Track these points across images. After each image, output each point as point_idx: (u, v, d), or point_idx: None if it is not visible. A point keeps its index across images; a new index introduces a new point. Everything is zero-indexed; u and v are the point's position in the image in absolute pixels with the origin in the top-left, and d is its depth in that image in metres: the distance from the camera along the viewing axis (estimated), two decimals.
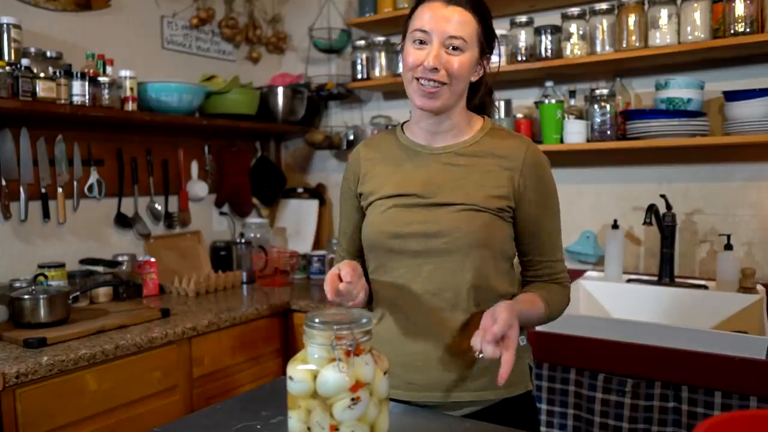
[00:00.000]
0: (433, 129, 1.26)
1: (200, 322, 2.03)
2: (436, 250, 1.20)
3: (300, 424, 0.91)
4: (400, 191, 1.24)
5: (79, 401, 1.68)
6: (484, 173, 1.22)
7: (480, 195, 1.20)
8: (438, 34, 1.16)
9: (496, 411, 1.23)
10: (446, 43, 1.17)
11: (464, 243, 1.18)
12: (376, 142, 1.36)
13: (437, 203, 1.21)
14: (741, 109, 1.95)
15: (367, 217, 1.29)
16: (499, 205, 1.21)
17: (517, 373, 1.22)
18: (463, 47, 1.18)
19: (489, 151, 1.24)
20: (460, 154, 1.25)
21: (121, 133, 2.46)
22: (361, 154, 1.35)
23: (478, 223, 1.19)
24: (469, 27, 1.19)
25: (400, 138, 1.32)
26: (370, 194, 1.29)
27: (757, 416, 0.84)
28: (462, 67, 1.18)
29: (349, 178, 1.36)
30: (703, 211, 2.23)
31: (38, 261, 2.15)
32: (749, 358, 1.53)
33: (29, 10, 2.18)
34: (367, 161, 1.33)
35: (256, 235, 2.87)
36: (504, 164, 1.22)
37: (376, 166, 1.31)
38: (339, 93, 2.89)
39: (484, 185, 1.21)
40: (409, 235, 1.21)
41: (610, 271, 2.21)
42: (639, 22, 2.09)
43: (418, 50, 1.18)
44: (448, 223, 1.19)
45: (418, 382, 1.22)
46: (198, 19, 2.74)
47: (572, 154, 2.40)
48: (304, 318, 0.92)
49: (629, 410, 1.65)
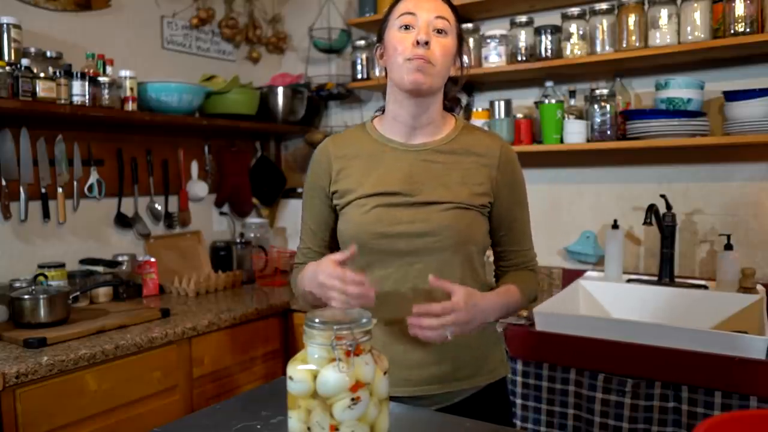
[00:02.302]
0: (413, 123, 1.26)
1: (200, 322, 2.03)
2: (425, 249, 1.21)
3: (300, 424, 0.91)
4: (382, 189, 1.24)
5: (79, 401, 1.68)
6: (464, 171, 1.25)
7: (464, 193, 1.23)
8: (425, 13, 1.20)
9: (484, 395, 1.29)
10: (433, 23, 1.20)
11: (453, 241, 1.21)
12: (346, 139, 1.33)
13: (423, 202, 1.22)
14: (741, 109, 1.95)
15: (346, 216, 1.27)
16: (482, 201, 1.25)
17: (499, 359, 1.33)
18: (448, 30, 1.22)
19: (466, 149, 1.27)
20: (439, 151, 1.27)
21: (121, 133, 2.46)
22: (331, 150, 1.32)
23: (465, 221, 1.22)
24: (450, 14, 1.24)
25: (372, 134, 1.31)
26: (347, 192, 1.27)
27: (757, 416, 0.84)
28: (447, 50, 1.21)
29: (319, 174, 1.32)
30: (703, 211, 2.23)
31: (38, 261, 2.15)
32: (749, 358, 1.53)
33: (29, 10, 2.18)
34: (338, 158, 1.30)
35: (256, 235, 2.87)
36: (482, 161, 1.26)
37: (351, 163, 1.29)
38: (339, 93, 2.90)
39: (466, 183, 1.24)
40: (398, 235, 1.21)
41: (610, 271, 2.21)
42: (639, 22, 2.09)
43: (406, 33, 1.20)
44: (437, 222, 1.21)
45: (413, 378, 1.24)
46: (198, 19, 2.74)
47: (572, 154, 2.40)
48: (304, 318, 0.92)
49: (629, 410, 1.65)
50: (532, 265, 1.36)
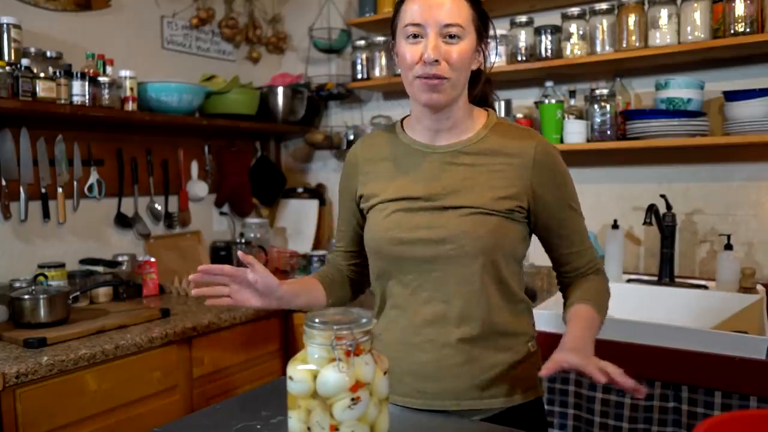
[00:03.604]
0: (435, 126, 1.20)
1: (200, 322, 2.03)
2: (442, 256, 1.14)
3: (300, 424, 0.91)
4: (404, 194, 1.19)
5: (79, 401, 1.68)
6: (491, 173, 1.16)
7: (487, 197, 1.15)
8: (433, 24, 1.10)
9: (508, 417, 1.19)
10: (443, 32, 1.11)
11: (471, 249, 1.13)
12: (376, 141, 1.29)
13: (443, 206, 1.16)
14: (741, 109, 1.95)
15: (369, 220, 1.24)
16: (509, 206, 1.15)
17: (530, 379, 1.21)
18: (461, 34, 1.12)
19: (496, 149, 1.18)
20: (465, 152, 1.19)
21: (121, 133, 2.45)
22: (359, 153, 1.29)
23: (486, 227, 1.14)
24: (464, 11, 1.13)
25: (401, 136, 1.26)
26: (371, 196, 1.24)
27: (757, 416, 0.84)
28: (462, 56, 1.12)
29: (349, 176, 1.31)
30: (703, 211, 2.23)
31: (38, 261, 2.15)
32: (749, 358, 1.53)
33: (29, 10, 2.18)
34: (367, 161, 1.27)
35: (256, 235, 2.87)
36: (513, 162, 1.17)
37: (378, 166, 1.25)
38: (339, 93, 2.90)
39: (492, 186, 1.15)
40: (416, 242, 1.16)
41: (610, 271, 2.21)
42: (639, 22, 2.09)
43: (414, 45, 1.12)
44: (454, 228, 1.14)
45: (429, 390, 1.18)
46: (198, 19, 2.74)
47: (572, 154, 2.39)
48: (304, 318, 0.92)
49: (629, 410, 1.65)
50: (595, 266, 1.26)
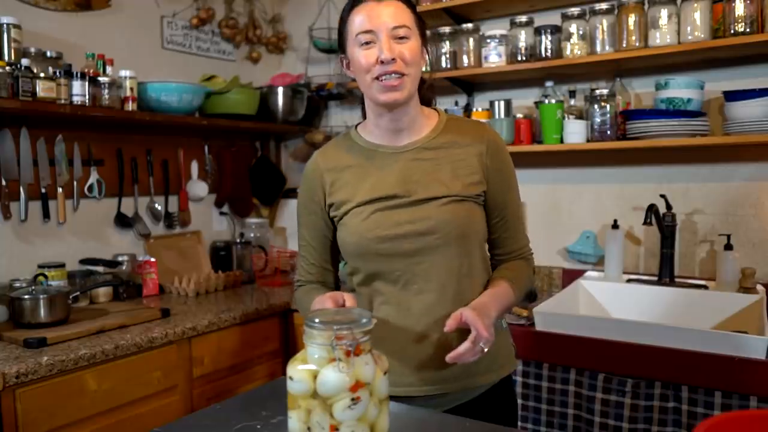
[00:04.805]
0: (394, 126, 1.26)
1: (200, 322, 2.03)
2: (428, 246, 1.21)
3: (300, 424, 0.91)
4: (378, 195, 1.24)
5: (79, 401, 1.68)
6: (454, 163, 1.25)
7: (458, 185, 1.23)
8: (383, 28, 1.18)
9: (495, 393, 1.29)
10: (393, 34, 1.18)
11: (454, 235, 1.21)
12: (334, 151, 1.34)
13: (419, 200, 1.22)
14: (741, 109, 1.95)
15: (345, 226, 1.27)
16: (476, 191, 1.25)
17: (506, 355, 1.32)
18: (409, 35, 1.20)
19: (454, 141, 1.27)
20: (427, 148, 1.27)
21: (121, 133, 2.46)
22: (321, 164, 1.32)
23: (463, 213, 1.22)
24: (407, 14, 1.22)
25: (359, 141, 1.31)
26: (343, 203, 1.27)
27: (757, 416, 0.84)
28: (414, 53, 1.20)
29: (312, 190, 1.32)
30: (703, 211, 2.23)
31: (38, 261, 2.15)
32: (749, 358, 1.53)
33: (29, 10, 2.18)
34: (329, 171, 1.31)
35: (256, 235, 2.87)
36: (471, 150, 1.26)
37: (343, 174, 1.29)
38: (339, 93, 2.90)
39: (458, 175, 1.24)
40: (401, 237, 1.21)
41: (610, 271, 2.21)
42: (639, 22, 2.09)
43: (369, 50, 1.19)
44: (438, 217, 1.21)
45: (420, 378, 1.23)
46: (198, 19, 2.74)
47: (572, 154, 2.40)
48: (304, 318, 0.92)
49: (629, 410, 1.65)
50: (525, 253, 1.35)
